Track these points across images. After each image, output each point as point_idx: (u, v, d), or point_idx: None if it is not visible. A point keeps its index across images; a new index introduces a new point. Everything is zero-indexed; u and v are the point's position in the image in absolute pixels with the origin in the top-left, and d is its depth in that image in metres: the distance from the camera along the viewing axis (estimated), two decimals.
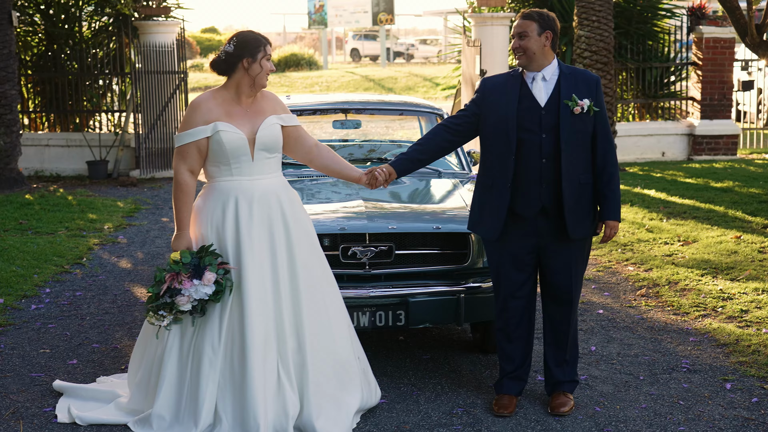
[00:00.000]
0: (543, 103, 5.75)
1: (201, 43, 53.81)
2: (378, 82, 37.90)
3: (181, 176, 5.56)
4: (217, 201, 5.56)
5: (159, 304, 5.42)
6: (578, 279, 5.94)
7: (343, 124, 8.40)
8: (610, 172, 5.79)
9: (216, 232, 5.55)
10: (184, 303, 5.39)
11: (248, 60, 5.52)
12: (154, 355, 5.72)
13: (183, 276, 5.40)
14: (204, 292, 5.38)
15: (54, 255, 10.05)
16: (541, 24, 5.74)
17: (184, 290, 5.38)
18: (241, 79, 5.57)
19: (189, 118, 5.54)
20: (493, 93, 5.87)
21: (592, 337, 7.40)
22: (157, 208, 13.40)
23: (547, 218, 5.81)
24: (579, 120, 5.73)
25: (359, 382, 5.76)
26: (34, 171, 16.55)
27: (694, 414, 5.87)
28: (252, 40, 5.57)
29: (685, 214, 11.74)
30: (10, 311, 8.11)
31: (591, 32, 15.37)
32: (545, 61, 5.79)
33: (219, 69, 5.61)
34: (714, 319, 7.74)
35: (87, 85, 17.27)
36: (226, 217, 5.53)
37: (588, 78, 5.81)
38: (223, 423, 5.41)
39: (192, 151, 5.53)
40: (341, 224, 6.32)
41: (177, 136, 5.58)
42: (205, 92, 5.65)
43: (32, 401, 6.11)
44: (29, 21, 17.45)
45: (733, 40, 17.10)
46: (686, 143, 17.41)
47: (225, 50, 5.57)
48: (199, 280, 5.39)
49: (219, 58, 5.59)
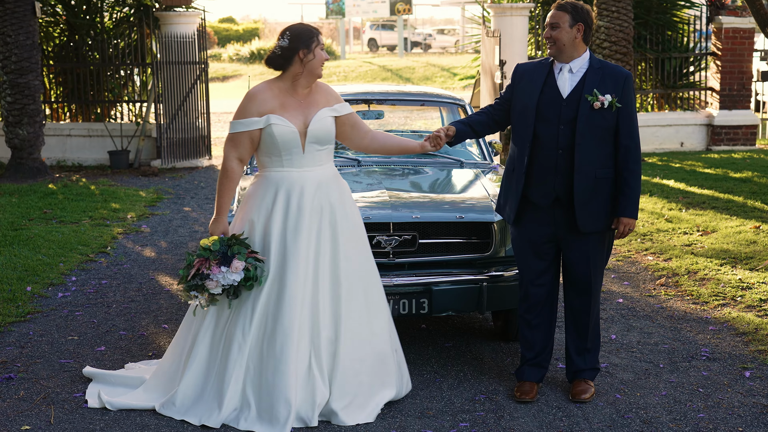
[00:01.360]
0: (565, 95, 5.81)
1: (218, 33, 53.96)
2: (395, 71, 37.94)
3: (230, 163, 5.67)
4: (268, 190, 5.67)
5: (190, 284, 5.57)
6: (598, 270, 5.99)
7: (365, 114, 8.48)
8: (630, 169, 5.79)
9: (264, 220, 5.66)
10: (213, 287, 5.52)
11: (303, 51, 5.62)
12: (187, 336, 5.85)
13: (212, 262, 5.52)
14: (232, 279, 5.49)
15: (79, 244, 10.18)
16: (573, 16, 5.78)
17: (213, 275, 5.50)
18: (297, 71, 5.66)
19: (244, 108, 5.64)
20: (523, 80, 5.95)
21: (613, 325, 7.47)
22: (178, 197, 13.51)
23: (561, 209, 5.87)
24: (599, 115, 5.75)
25: (395, 374, 5.85)
26: (57, 161, 16.70)
27: (713, 401, 5.94)
28: (305, 31, 5.67)
29: (704, 204, 11.78)
30: (38, 299, 8.24)
31: (610, 23, 15.40)
32: (575, 53, 5.83)
33: (275, 64, 5.69)
34: (733, 309, 7.80)
35: (108, 76, 17.40)
36: (275, 207, 5.64)
37: (617, 74, 5.81)
38: (252, 408, 5.51)
39: (244, 141, 5.64)
40: (365, 213, 6.40)
41: (230, 123, 5.68)
42: (262, 83, 5.74)
43: (62, 387, 6.23)
44: (51, 12, 17.59)
45: (752, 30, 17.08)
46: (705, 133, 17.43)
47: (280, 45, 5.65)
48: (227, 267, 5.50)
49: (275, 54, 5.67)
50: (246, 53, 45.16)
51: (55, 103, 17.60)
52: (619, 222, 5.85)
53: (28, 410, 5.83)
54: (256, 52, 44.69)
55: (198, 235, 10.95)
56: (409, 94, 8.65)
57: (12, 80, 14.67)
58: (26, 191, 13.38)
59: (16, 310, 7.83)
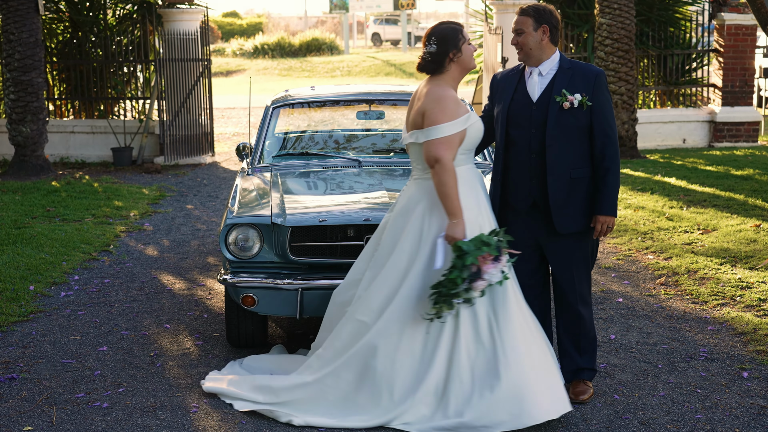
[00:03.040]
0: (535, 98, 5.86)
1: (222, 28, 54.01)
2: (399, 66, 37.96)
3: (451, 164, 5.60)
4: (471, 186, 5.72)
5: (459, 290, 5.41)
6: (580, 274, 6.00)
7: (366, 114, 8.52)
8: (605, 166, 5.82)
9: (476, 215, 5.68)
10: (481, 287, 5.45)
11: (454, 51, 5.66)
12: (421, 350, 5.67)
13: (489, 258, 5.45)
14: (497, 277, 5.48)
15: (82, 242, 10.23)
16: (536, 19, 5.81)
17: (486, 274, 5.43)
18: (453, 71, 5.71)
19: (453, 110, 5.61)
20: (498, 88, 6.06)
21: (612, 325, 7.51)
22: (181, 195, 13.56)
23: (540, 213, 5.92)
24: (569, 115, 5.79)
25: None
26: (60, 157, 16.75)
27: (711, 402, 5.98)
28: (450, 31, 5.70)
29: (705, 202, 11.81)
30: (41, 298, 8.29)
31: (612, 20, 15.42)
32: (543, 56, 5.87)
33: (428, 69, 5.72)
34: (732, 308, 7.84)
35: (111, 73, 17.44)
36: (479, 203, 5.72)
37: (587, 72, 5.84)
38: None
39: (456, 141, 5.63)
40: (365, 215, 6.44)
41: (440, 127, 5.57)
42: (442, 85, 5.70)
43: (64, 387, 6.27)
44: (54, 9, 17.63)
45: (755, 27, 17.09)
46: (707, 130, 17.44)
47: (428, 51, 5.67)
48: (498, 263, 5.48)
49: (426, 60, 5.69)
50: (250, 48, 45.18)
51: (58, 99, 17.65)
52: (597, 220, 5.88)
53: (30, 411, 5.88)
54: (259, 47, 44.72)
55: (200, 233, 10.98)
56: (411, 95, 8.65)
57: (15, 78, 14.71)
58: (29, 188, 13.43)
59: (19, 310, 7.88)
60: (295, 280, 6.42)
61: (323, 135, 9.06)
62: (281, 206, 6.67)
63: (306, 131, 9.29)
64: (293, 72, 38.71)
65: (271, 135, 8.32)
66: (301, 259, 6.47)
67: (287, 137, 8.77)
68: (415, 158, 5.78)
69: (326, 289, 6.37)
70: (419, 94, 5.77)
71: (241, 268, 6.56)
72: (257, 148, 8.08)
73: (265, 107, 8.41)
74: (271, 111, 8.32)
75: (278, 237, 6.47)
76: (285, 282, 6.41)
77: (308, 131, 9.28)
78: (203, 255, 9.91)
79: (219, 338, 7.29)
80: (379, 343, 5.61)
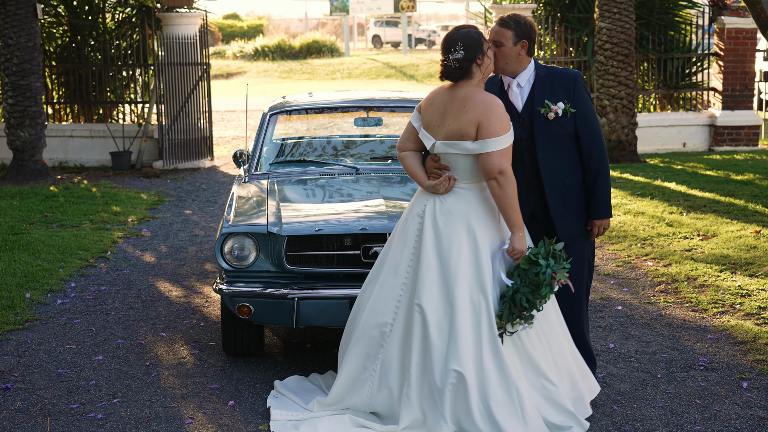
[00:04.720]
0: (519, 109, 5.84)
1: (223, 30, 54.00)
2: (399, 69, 37.92)
3: (513, 175, 5.51)
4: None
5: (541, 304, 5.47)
6: (578, 283, 5.97)
7: (364, 120, 8.49)
8: (595, 169, 5.83)
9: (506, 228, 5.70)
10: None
11: (480, 56, 5.56)
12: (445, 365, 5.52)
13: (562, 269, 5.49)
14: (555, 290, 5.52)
15: (79, 249, 10.19)
16: (517, 33, 5.74)
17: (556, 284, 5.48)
18: (477, 76, 5.60)
19: (505, 119, 5.50)
20: None
21: (611, 334, 7.46)
22: (180, 200, 13.51)
23: (538, 223, 5.92)
24: (555, 124, 5.78)
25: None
26: (58, 162, 16.71)
27: (710, 413, 5.93)
28: (475, 35, 5.58)
29: (705, 208, 11.76)
30: (37, 306, 8.25)
31: (612, 24, 15.38)
32: (520, 68, 5.83)
33: (454, 77, 5.58)
34: (732, 316, 7.79)
35: (110, 77, 17.40)
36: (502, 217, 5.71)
37: (565, 77, 5.82)
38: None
39: (511, 150, 5.55)
40: (362, 224, 6.40)
41: (500, 138, 5.44)
42: (483, 91, 5.59)
43: (59, 398, 6.23)
44: (53, 13, 17.59)
45: (755, 31, 17.05)
46: (707, 134, 17.40)
47: (455, 58, 5.53)
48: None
49: (452, 67, 5.55)
50: (250, 50, 45.17)
51: (57, 104, 17.62)
52: (593, 224, 5.93)
53: (24, 422, 5.84)
54: (260, 49, 44.71)
55: (198, 239, 10.94)
56: (410, 101, 8.57)
57: (13, 82, 14.68)
58: (27, 193, 13.39)
59: (14, 318, 7.84)
60: (292, 289, 6.37)
61: (321, 142, 9.02)
62: (277, 215, 6.63)
63: (303, 138, 9.25)
64: (293, 74, 38.68)
65: (269, 142, 8.28)
66: (298, 268, 6.42)
67: (284, 144, 8.73)
68: (460, 168, 5.60)
69: (322, 299, 6.34)
70: (461, 100, 5.54)
71: (237, 277, 6.52)
72: (254, 155, 8.04)
73: (263, 114, 8.37)
74: (269, 118, 8.27)
75: (274, 246, 6.43)
76: (281, 291, 6.37)
77: (305, 138, 9.24)
78: (201, 261, 9.87)
79: (215, 347, 7.24)
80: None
